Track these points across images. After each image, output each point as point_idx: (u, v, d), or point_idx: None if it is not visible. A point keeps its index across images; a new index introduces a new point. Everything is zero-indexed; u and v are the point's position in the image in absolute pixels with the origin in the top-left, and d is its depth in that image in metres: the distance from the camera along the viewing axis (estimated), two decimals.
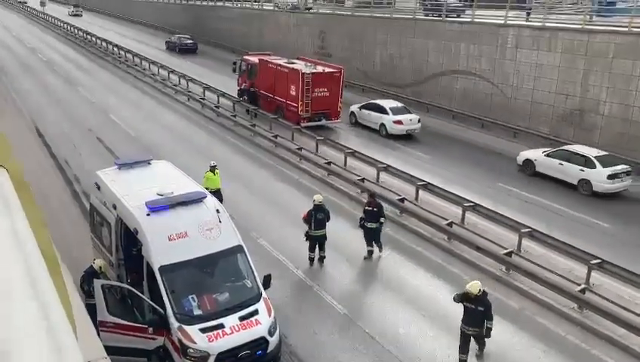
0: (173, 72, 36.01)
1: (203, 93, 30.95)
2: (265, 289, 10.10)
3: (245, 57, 31.16)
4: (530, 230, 14.31)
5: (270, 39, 43.69)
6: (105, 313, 9.23)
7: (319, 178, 19.65)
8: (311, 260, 13.79)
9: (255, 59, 29.74)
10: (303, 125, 24.82)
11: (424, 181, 17.75)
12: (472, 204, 16.04)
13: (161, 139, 23.58)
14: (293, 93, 25.82)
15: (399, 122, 25.06)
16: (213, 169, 15.86)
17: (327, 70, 26.45)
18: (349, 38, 36.13)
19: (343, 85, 26.42)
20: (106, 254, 11.09)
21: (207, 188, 13.39)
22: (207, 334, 9.01)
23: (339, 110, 26.33)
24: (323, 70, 26.34)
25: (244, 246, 10.36)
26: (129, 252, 10.49)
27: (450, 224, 15.47)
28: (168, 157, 15.37)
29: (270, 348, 9.55)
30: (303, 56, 30.73)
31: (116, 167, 11.99)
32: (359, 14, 37.11)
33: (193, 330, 9.00)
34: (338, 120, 26.43)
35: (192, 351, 8.86)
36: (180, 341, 8.92)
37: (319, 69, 26.42)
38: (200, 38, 52.72)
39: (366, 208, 14.18)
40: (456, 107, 28.64)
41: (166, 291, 9.21)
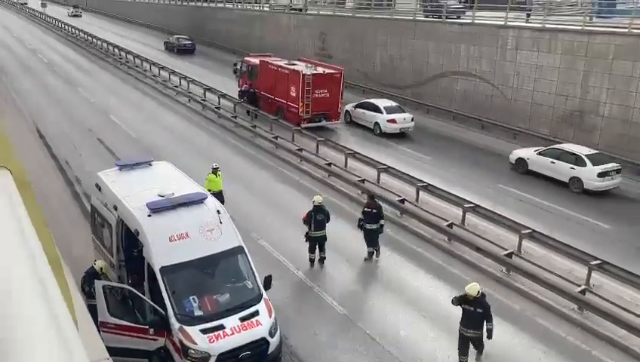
0: (174, 73, 36.06)
1: (204, 94, 30.98)
2: (265, 290, 10.11)
3: (246, 58, 31.21)
4: (530, 231, 14.32)
5: (271, 41, 43.71)
6: (106, 314, 9.24)
7: (320, 179, 19.65)
8: (311, 261, 13.79)
9: (256, 60, 29.79)
10: (303, 126, 24.83)
11: (425, 182, 17.76)
12: (472, 205, 16.04)
13: (161, 140, 23.59)
14: (293, 94, 25.85)
15: (393, 121, 25.38)
16: (216, 171, 15.77)
17: (327, 71, 26.48)
18: (350, 40, 36.15)
19: (343, 86, 26.45)
20: (106, 255, 11.10)
21: (210, 190, 13.37)
22: (208, 335, 9.03)
23: (339, 111, 26.38)
24: (323, 71, 26.38)
25: (245, 247, 10.37)
26: (130, 253, 10.51)
27: (450, 225, 15.47)
28: (169, 158, 15.37)
29: (271, 348, 9.56)
30: (304, 58, 30.76)
31: (117, 168, 12.01)
32: (360, 16, 37.13)
33: (194, 331, 9.02)
34: (338, 121, 26.46)
35: (192, 351, 8.88)
36: (181, 342, 8.94)
37: (320, 70, 26.46)
38: (201, 40, 52.80)
39: (365, 209, 14.13)
40: (456, 108, 28.65)
41: (167, 292, 9.23)
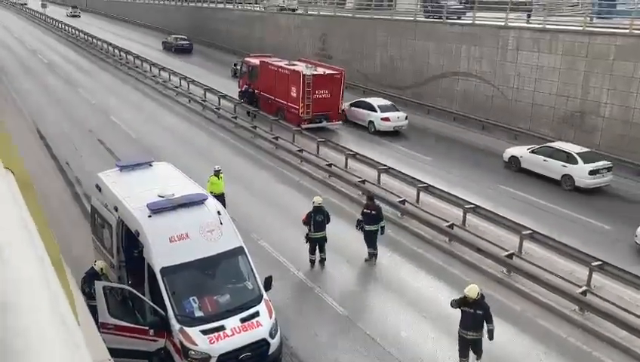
0: (174, 73, 36.06)
1: (204, 95, 30.98)
2: (266, 290, 10.10)
3: (246, 59, 31.23)
4: (531, 232, 14.31)
5: (271, 41, 43.71)
6: (106, 314, 9.22)
7: (320, 180, 19.64)
8: (311, 262, 13.77)
9: (256, 60, 29.79)
10: (303, 127, 24.83)
11: (425, 183, 17.74)
12: (472, 205, 16.02)
13: (162, 140, 23.58)
14: (294, 94, 25.84)
15: (387, 119, 25.72)
16: (218, 173, 15.57)
17: (327, 72, 26.48)
18: (350, 40, 36.15)
19: (343, 87, 26.44)
20: (107, 256, 11.09)
21: (211, 192, 13.31)
22: (209, 336, 9.02)
23: (339, 112, 26.38)
24: (324, 72, 26.38)
25: (245, 248, 10.36)
26: (130, 253, 10.50)
27: (451, 226, 15.45)
28: (169, 158, 15.36)
29: (271, 349, 9.55)
30: (304, 58, 30.76)
31: (117, 169, 12.01)
32: (360, 16, 37.13)
33: (194, 332, 9.01)
34: (339, 121, 26.46)
35: (193, 352, 8.86)
36: (181, 342, 8.93)
37: (320, 70, 26.46)
38: (201, 40, 52.85)
39: (364, 211, 14.06)
40: (457, 109, 28.64)
41: (167, 293, 9.21)
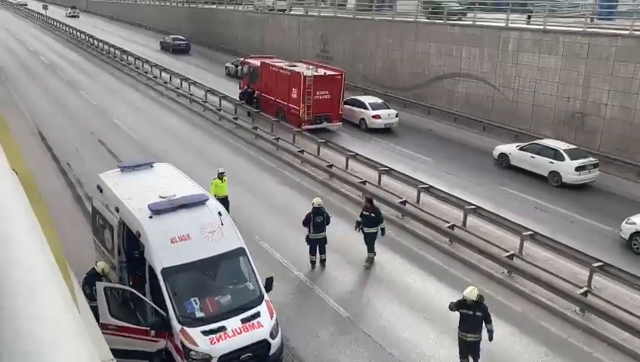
0: (175, 74, 36.09)
1: (205, 96, 31.00)
2: (267, 291, 10.10)
3: (247, 60, 31.23)
4: (531, 232, 14.31)
5: (272, 42, 43.76)
6: (107, 315, 9.22)
7: (321, 181, 19.65)
8: (312, 263, 13.77)
9: (257, 61, 29.81)
10: (304, 128, 24.84)
11: (426, 184, 17.75)
12: (473, 206, 16.03)
13: (163, 141, 23.60)
14: (294, 95, 25.86)
15: (377, 117, 26.11)
16: (221, 176, 15.51)
17: (328, 73, 26.48)
18: (351, 41, 36.17)
19: (344, 88, 26.45)
20: (108, 257, 11.11)
21: (215, 195, 13.31)
22: (210, 336, 9.02)
23: (340, 113, 26.40)
24: (324, 73, 26.38)
25: (246, 249, 10.37)
26: (131, 254, 10.51)
27: (452, 227, 15.46)
28: (170, 159, 15.38)
29: (272, 350, 9.55)
30: (305, 59, 30.78)
31: (119, 170, 12.03)
32: (361, 17, 37.14)
33: (195, 333, 9.01)
34: (339, 122, 26.48)
35: (194, 353, 8.87)
36: (182, 343, 8.93)
37: (321, 71, 26.46)
38: (202, 41, 52.88)
39: (364, 213, 13.97)
40: (457, 110, 28.65)
41: (168, 293, 9.22)
